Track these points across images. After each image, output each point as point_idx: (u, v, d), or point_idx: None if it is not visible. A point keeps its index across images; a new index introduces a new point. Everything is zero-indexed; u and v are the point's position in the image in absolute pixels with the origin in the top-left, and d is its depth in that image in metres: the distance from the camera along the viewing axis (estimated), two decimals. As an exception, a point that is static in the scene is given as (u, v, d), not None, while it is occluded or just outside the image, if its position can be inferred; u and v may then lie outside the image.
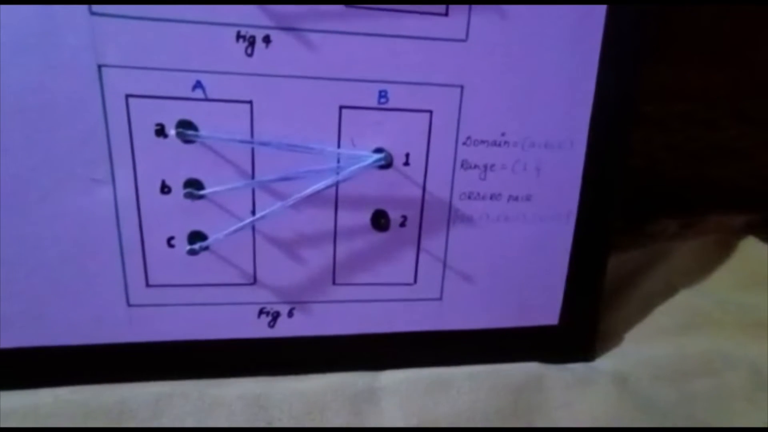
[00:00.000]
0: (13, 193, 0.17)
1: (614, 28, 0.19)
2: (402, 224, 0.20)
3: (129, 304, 0.18)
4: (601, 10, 0.18)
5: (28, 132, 0.16)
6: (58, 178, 0.17)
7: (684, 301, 0.25)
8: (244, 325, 0.20)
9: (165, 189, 0.18)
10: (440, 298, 0.21)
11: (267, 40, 0.17)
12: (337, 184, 0.18)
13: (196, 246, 0.18)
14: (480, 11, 0.18)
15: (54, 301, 0.18)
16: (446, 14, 0.17)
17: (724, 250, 0.28)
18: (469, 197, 0.20)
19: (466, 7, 0.17)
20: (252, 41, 0.17)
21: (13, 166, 0.17)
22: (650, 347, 0.23)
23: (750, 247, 0.28)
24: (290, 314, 0.20)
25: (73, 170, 0.17)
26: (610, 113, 0.20)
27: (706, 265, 0.27)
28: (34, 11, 0.15)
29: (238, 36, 0.17)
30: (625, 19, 0.19)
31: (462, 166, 0.19)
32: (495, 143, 0.19)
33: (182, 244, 0.18)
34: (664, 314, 0.25)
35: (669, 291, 0.26)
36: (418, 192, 0.19)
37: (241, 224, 0.18)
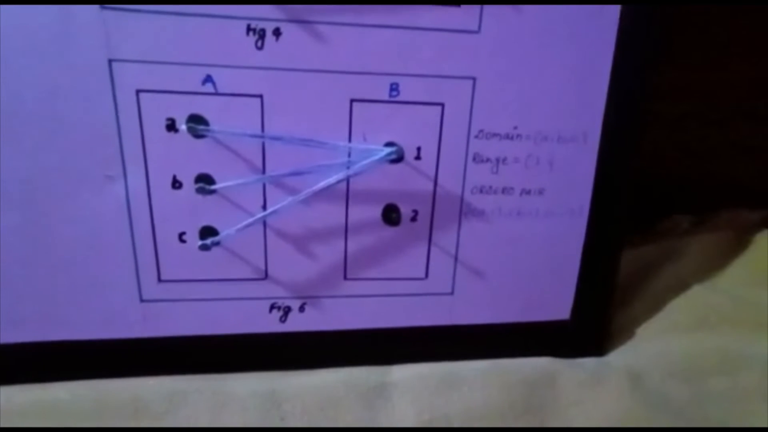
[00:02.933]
0: (28, 191, 0.17)
1: (629, 21, 0.18)
2: (413, 219, 0.19)
3: (142, 300, 0.19)
4: (616, 6, 0.18)
5: (43, 130, 0.16)
6: (72, 175, 0.17)
7: (697, 297, 0.25)
8: (256, 320, 0.20)
9: (176, 184, 0.18)
10: (452, 293, 0.21)
11: (277, 33, 0.17)
12: (348, 179, 0.18)
13: (208, 241, 0.18)
14: (493, 3, 0.17)
15: (68, 296, 0.18)
16: (458, 5, 0.17)
17: (737, 246, 0.28)
18: (481, 191, 0.19)
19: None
20: (262, 34, 0.17)
21: (29, 164, 0.17)
22: (663, 343, 0.23)
23: (763, 243, 0.28)
24: (301, 309, 0.20)
25: (87, 167, 0.17)
26: (623, 107, 0.19)
27: (719, 261, 0.27)
28: (47, 8, 0.15)
29: (249, 29, 0.16)
30: (640, 14, 0.18)
31: (474, 159, 0.19)
32: (507, 136, 0.19)
33: (194, 240, 0.18)
34: (676, 310, 0.24)
35: (682, 287, 0.25)
36: (430, 186, 0.19)
37: (252, 219, 0.18)
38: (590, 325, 0.22)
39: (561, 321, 0.22)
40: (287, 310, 0.20)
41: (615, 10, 0.18)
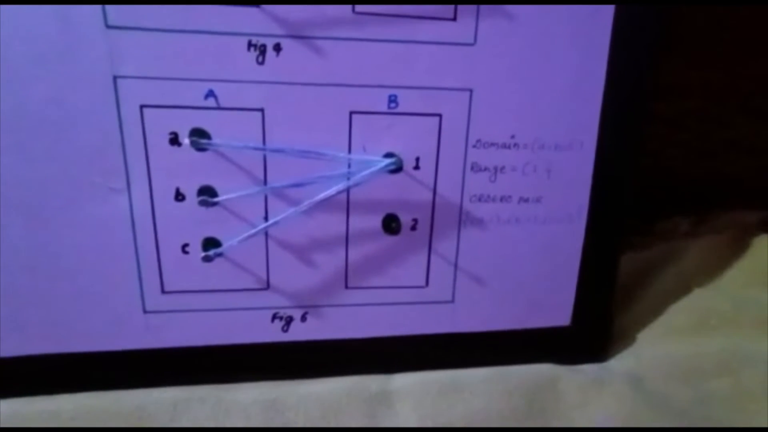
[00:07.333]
0: (33, 204, 0.17)
1: (623, 27, 0.18)
2: (413, 228, 0.20)
3: (145, 311, 0.19)
4: (609, 9, 0.18)
5: (48, 143, 0.17)
6: (76, 188, 0.17)
7: (698, 299, 0.25)
8: (258, 329, 0.20)
9: (179, 197, 0.18)
10: (452, 301, 0.21)
11: (278, 48, 0.17)
12: (348, 189, 0.18)
13: (211, 252, 0.18)
14: (488, 15, 0.18)
15: (72, 308, 0.18)
16: (454, 19, 0.18)
17: (737, 247, 0.28)
18: (480, 200, 0.20)
19: (474, 10, 0.17)
20: (263, 50, 0.17)
21: (34, 176, 0.17)
22: (665, 346, 0.23)
23: (764, 244, 0.28)
24: (303, 318, 0.20)
25: (91, 180, 0.17)
26: (620, 113, 0.19)
27: (719, 262, 0.27)
28: (53, 26, 0.16)
29: (249, 45, 0.17)
30: (634, 18, 0.18)
31: (472, 168, 0.19)
32: (505, 146, 0.19)
33: (197, 251, 0.19)
34: (678, 313, 0.24)
35: (682, 289, 0.25)
36: (429, 195, 0.19)
37: (254, 230, 0.18)
38: (591, 331, 0.22)
39: (561, 327, 0.22)
40: (289, 320, 0.20)
41: (609, 16, 0.18)
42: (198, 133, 0.17)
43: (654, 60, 0.19)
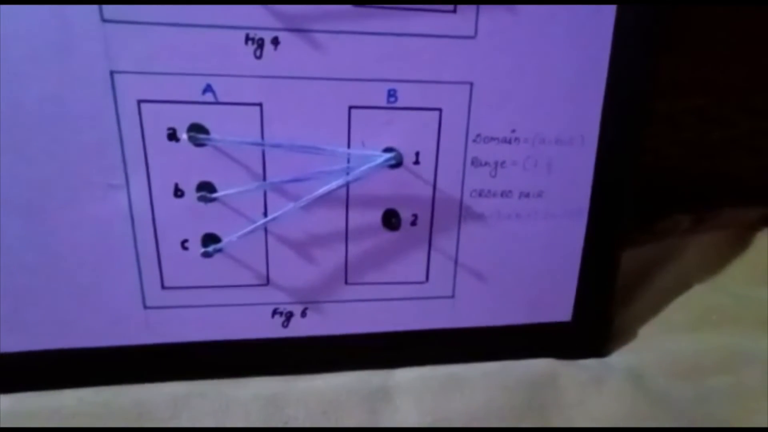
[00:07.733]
0: (32, 200, 0.17)
1: (625, 22, 0.18)
2: (413, 223, 0.20)
3: (145, 307, 0.19)
4: (611, 6, 0.18)
5: (47, 141, 0.17)
6: (76, 185, 0.17)
7: (698, 296, 0.25)
8: (258, 325, 0.20)
9: (178, 192, 0.18)
10: (452, 296, 0.21)
11: (276, 41, 0.17)
12: (347, 185, 0.18)
13: (210, 248, 0.18)
14: (488, 8, 0.18)
15: (72, 304, 0.18)
16: (455, 11, 0.17)
17: (738, 244, 0.28)
18: (480, 195, 0.20)
19: (474, 4, 0.17)
20: (261, 43, 0.17)
21: (33, 173, 0.17)
22: (665, 343, 0.23)
23: (764, 241, 0.28)
24: (303, 314, 0.20)
25: (90, 177, 0.17)
26: (621, 109, 0.19)
27: (720, 260, 0.27)
28: (48, 21, 0.16)
29: (247, 38, 0.17)
30: (636, 14, 0.18)
31: (472, 163, 0.19)
32: (505, 140, 0.19)
33: (196, 247, 0.18)
34: (678, 310, 0.24)
35: (683, 286, 0.25)
36: (429, 190, 0.19)
37: (253, 226, 0.18)
38: (591, 326, 0.22)
39: (562, 322, 0.22)
40: (289, 316, 0.20)
41: (611, 11, 0.18)
42: (196, 129, 0.17)
43: (655, 58, 0.19)
